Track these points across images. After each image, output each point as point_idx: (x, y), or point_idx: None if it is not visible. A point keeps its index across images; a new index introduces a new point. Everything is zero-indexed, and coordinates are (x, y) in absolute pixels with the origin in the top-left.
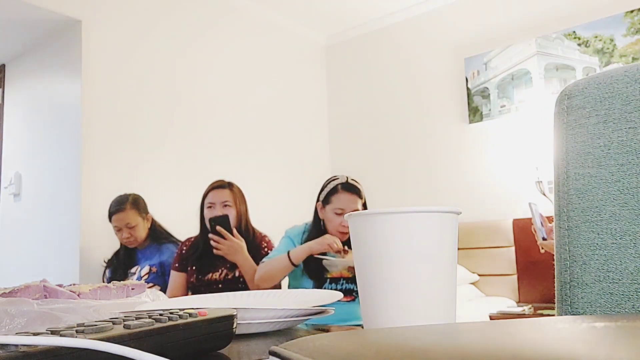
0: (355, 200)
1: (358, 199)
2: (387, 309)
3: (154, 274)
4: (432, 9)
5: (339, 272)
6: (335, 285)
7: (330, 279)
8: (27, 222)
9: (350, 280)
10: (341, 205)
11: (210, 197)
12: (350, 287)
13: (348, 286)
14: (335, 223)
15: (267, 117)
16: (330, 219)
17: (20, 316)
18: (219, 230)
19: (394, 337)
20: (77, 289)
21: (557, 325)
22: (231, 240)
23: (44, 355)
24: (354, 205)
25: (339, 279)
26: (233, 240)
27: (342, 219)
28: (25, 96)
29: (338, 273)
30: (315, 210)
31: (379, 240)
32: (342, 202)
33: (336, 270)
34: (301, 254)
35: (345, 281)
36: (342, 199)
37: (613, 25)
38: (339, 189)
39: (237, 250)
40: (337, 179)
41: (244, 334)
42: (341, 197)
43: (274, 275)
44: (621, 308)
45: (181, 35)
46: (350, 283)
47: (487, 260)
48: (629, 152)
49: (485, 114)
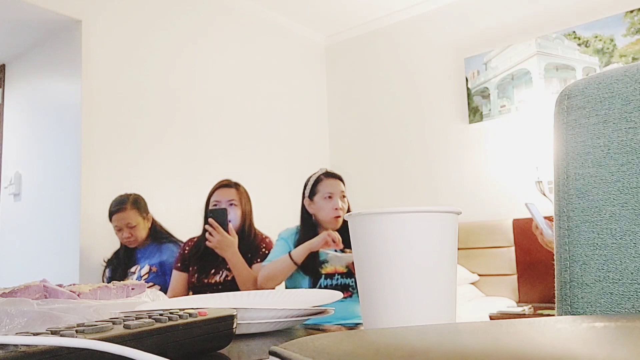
0: (340, 184)
1: (342, 183)
2: (387, 309)
3: (154, 274)
4: (432, 9)
5: (334, 267)
6: (331, 280)
7: (325, 274)
8: (27, 222)
9: (345, 275)
10: (329, 189)
11: (217, 195)
12: (345, 282)
13: (343, 281)
14: (328, 208)
15: (267, 117)
16: (321, 206)
17: (20, 316)
18: (210, 222)
19: (394, 337)
20: (77, 289)
21: (557, 325)
22: (222, 234)
23: (44, 355)
24: (340, 188)
25: (334, 274)
26: (224, 235)
27: (334, 202)
28: (25, 96)
29: (333, 269)
30: (303, 209)
31: (379, 240)
32: (328, 186)
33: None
34: (302, 253)
35: (340, 276)
36: (327, 184)
37: (613, 25)
38: (322, 177)
39: (227, 246)
40: (316, 172)
41: (244, 334)
42: (326, 183)
43: (277, 275)
44: (621, 308)
45: (181, 35)
46: (345, 278)
47: (487, 260)
48: (629, 152)
49: (485, 114)
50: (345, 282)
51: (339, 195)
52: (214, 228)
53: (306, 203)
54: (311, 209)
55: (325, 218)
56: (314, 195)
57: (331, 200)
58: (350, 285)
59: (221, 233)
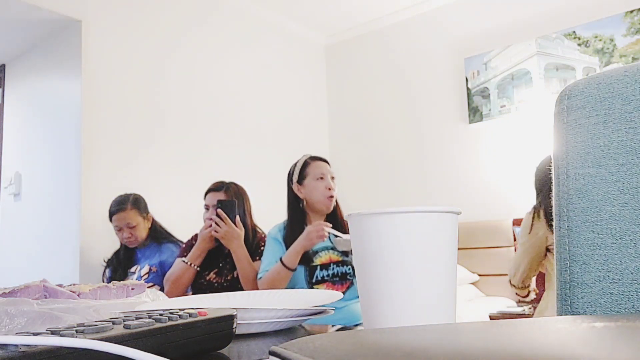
0: (328, 166)
1: (329, 165)
2: (387, 309)
3: (154, 274)
4: (432, 9)
5: (328, 257)
6: (327, 270)
7: (321, 265)
8: (27, 222)
9: (340, 263)
10: (320, 170)
11: (207, 199)
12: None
13: (340, 270)
14: (321, 189)
15: (266, 117)
16: (313, 186)
17: (20, 316)
18: (219, 213)
19: (394, 337)
20: (77, 289)
21: (557, 325)
22: (230, 226)
23: (44, 355)
24: (329, 170)
25: (329, 264)
26: (231, 226)
27: (326, 182)
28: (25, 96)
29: (327, 258)
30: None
31: (379, 240)
32: (318, 167)
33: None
34: (294, 257)
35: (336, 265)
36: (316, 165)
37: (613, 25)
38: (308, 161)
39: (233, 237)
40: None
41: (244, 334)
42: (316, 164)
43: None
44: (621, 308)
45: (181, 35)
46: (342, 266)
47: (487, 260)
48: (629, 152)
49: (485, 114)
50: (342, 271)
51: (329, 176)
52: (222, 219)
53: (295, 188)
54: (301, 194)
55: (319, 198)
56: (304, 179)
57: (323, 181)
58: (347, 273)
59: (228, 224)
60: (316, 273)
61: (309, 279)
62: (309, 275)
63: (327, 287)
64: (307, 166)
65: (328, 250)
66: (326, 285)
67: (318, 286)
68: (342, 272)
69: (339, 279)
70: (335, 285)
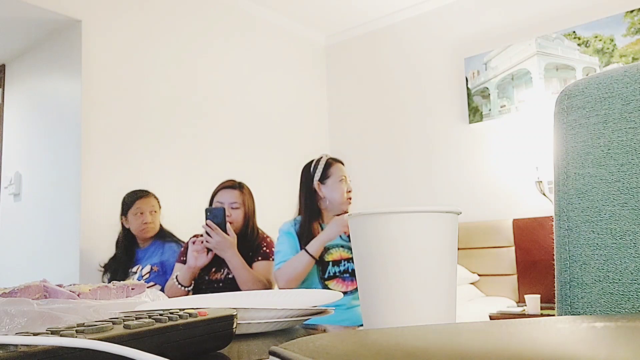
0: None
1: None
2: (387, 309)
3: (155, 273)
4: (432, 9)
5: (339, 254)
6: (338, 267)
7: (332, 262)
8: (27, 222)
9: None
10: (342, 172)
11: (219, 196)
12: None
13: (350, 266)
14: (342, 190)
15: (267, 117)
16: (335, 188)
17: (20, 316)
18: (208, 224)
19: (394, 337)
20: (77, 289)
21: (557, 325)
22: (221, 235)
23: (44, 355)
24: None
25: (340, 260)
26: (223, 236)
27: (347, 185)
28: (25, 96)
29: (338, 255)
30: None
31: (379, 240)
32: (340, 170)
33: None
34: (319, 246)
35: (346, 261)
36: (338, 167)
37: (613, 25)
38: (331, 161)
39: (226, 247)
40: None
41: (244, 334)
42: (337, 167)
43: (299, 274)
44: (621, 308)
45: (181, 35)
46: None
47: (487, 260)
48: (629, 152)
49: (485, 114)
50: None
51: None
52: (212, 229)
53: (316, 186)
54: (322, 192)
55: (339, 199)
56: (326, 178)
57: (344, 183)
58: None
59: (220, 234)
60: (328, 269)
61: (321, 275)
62: (321, 271)
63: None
64: (329, 167)
65: (339, 247)
66: (337, 281)
67: (329, 282)
68: (352, 269)
69: (349, 275)
70: (346, 282)
